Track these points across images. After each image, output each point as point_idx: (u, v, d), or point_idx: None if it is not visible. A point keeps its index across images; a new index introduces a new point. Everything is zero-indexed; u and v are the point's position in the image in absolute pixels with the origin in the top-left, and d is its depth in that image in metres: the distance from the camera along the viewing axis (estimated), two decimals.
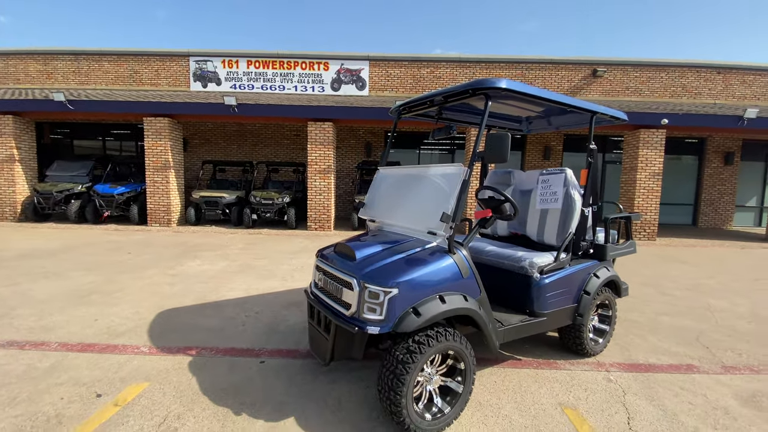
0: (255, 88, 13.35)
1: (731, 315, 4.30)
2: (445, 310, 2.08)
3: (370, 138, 13.45)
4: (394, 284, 2.04)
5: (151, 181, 10.11)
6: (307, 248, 7.61)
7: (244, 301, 4.31)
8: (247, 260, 6.41)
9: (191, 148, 13.39)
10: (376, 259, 2.23)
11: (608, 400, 2.53)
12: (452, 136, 3.18)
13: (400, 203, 2.77)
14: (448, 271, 2.19)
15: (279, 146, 13.61)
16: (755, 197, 13.58)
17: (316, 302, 2.45)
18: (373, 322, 2.05)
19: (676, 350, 3.34)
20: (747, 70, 13.05)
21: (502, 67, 13.06)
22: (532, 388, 2.65)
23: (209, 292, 4.61)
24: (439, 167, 2.51)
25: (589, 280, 3.03)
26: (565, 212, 3.04)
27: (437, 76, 13.20)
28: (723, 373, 2.95)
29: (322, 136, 10.00)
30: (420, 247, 2.31)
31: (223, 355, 3.01)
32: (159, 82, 13.39)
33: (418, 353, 1.99)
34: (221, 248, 7.41)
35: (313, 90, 13.29)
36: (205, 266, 5.93)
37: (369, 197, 3.05)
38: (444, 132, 2.87)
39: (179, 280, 5.10)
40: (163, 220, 10.20)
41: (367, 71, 13.19)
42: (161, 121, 9.91)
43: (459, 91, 2.48)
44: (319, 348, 2.38)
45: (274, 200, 10.27)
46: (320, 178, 10.17)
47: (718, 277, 6.07)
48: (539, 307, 2.72)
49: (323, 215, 10.23)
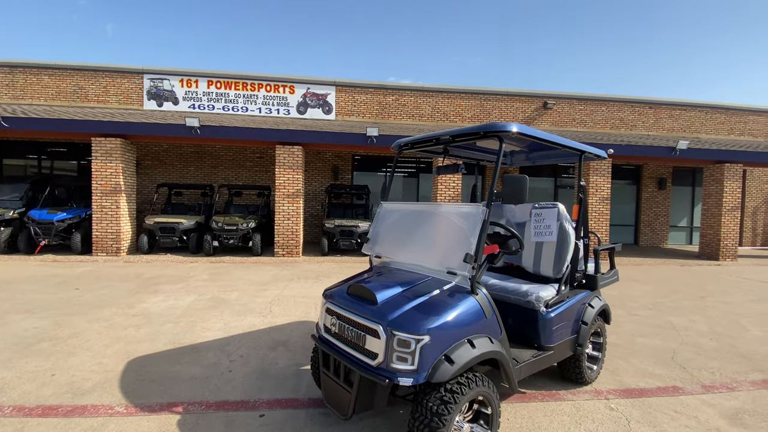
0: (216, 108, 12.89)
1: (693, 333, 4.67)
2: (476, 356, 2.04)
3: (337, 161, 13.39)
4: (426, 331, 1.97)
5: (98, 206, 9.24)
6: (279, 277, 7.27)
7: (225, 342, 3.98)
8: (216, 293, 5.98)
9: (143, 169, 12.50)
10: (399, 303, 2.16)
11: (617, 430, 2.60)
12: (454, 167, 3.22)
13: (411, 240, 2.73)
14: (473, 312, 2.17)
15: (241, 168, 13.11)
16: (686, 218, 15.18)
17: (331, 350, 2.31)
18: (404, 372, 1.96)
19: (658, 372, 3.54)
20: (674, 105, 14.80)
21: (462, 98, 13.73)
22: (544, 424, 2.66)
23: (183, 333, 4.21)
24: (453, 206, 2.52)
25: (585, 310, 3.16)
26: (560, 245, 3.17)
27: (402, 103, 13.57)
28: (704, 392, 3.17)
29: (290, 160, 9.80)
30: (440, 288, 2.28)
31: (215, 410, 2.72)
32: (108, 99, 12.50)
33: (453, 403, 1.93)
34: (183, 280, 6.86)
35: (278, 112, 13.09)
36: (170, 302, 5.44)
37: (373, 232, 2.98)
38: (450, 170, 2.91)
39: (144, 320, 4.62)
40: (111, 249, 9.31)
41: (333, 96, 13.26)
42: (113, 141, 9.18)
43: (469, 132, 2.53)
44: (339, 401, 2.22)
45: (238, 226, 9.79)
46: (288, 202, 9.89)
47: (670, 296, 6.61)
48: (546, 341, 2.77)
49: (291, 241, 9.90)
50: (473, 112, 13.78)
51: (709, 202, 11.58)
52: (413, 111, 13.60)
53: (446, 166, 2.94)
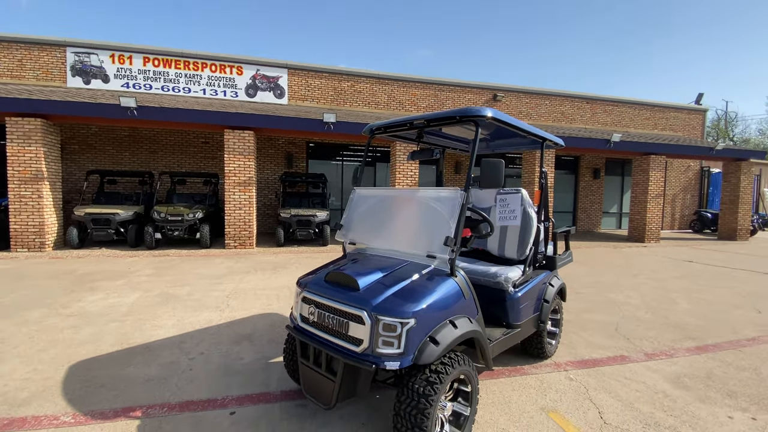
0: (153, 88, 11.82)
1: (631, 307, 5.16)
2: (459, 336, 2.07)
3: (291, 148, 12.93)
4: (411, 314, 1.96)
5: (16, 196, 8.13)
6: (234, 270, 6.92)
7: (180, 340, 3.70)
8: (164, 288, 5.54)
9: (69, 154, 11.19)
10: (381, 288, 2.12)
11: (578, 398, 2.81)
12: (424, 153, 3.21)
13: (387, 226, 2.70)
14: (454, 294, 2.20)
15: (184, 155, 12.20)
16: (616, 205, 16.70)
17: (310, 340, 2.22)
18: (390, 356, 1.94)
19: (607, 344, 3.87)
20: (608, 101, 16.07)
21: (418, 87, 13.83)
22: (513, 398, 2.80)
23: (131, 332, 3.85)
24: (431, 190, 2.52)
25: (546, 289, 3.35)
26: (524, 228, 3.32)
27: (358, 90, 13.37)
28: (648, 360, 3.52)
29: (241, 146, 9.28)
30: (419, 272, 2.27)
31: (179, 411, 2.52)
32: (24, 74, 10.97)
33: (438, 383, 1.94)
34: (124, 276, 6.28)
35: (225, 95, 12.30)
36: (111, 299, 4.95)
37: (346, 219, 2.90)
38: (425, 155, 2.90)
39: (83, 320, 4.16)
40: (34, 244, 8.27)
41: (285, 79, 12.72)
42: (32, 122, 8.08)
43: (445, 117, 2.53)
44: (320, 391, 2.15)
45: (183, 216, 9.13)
46: (240, 191, 9.39)
47: (607, 275, 7.25)
48: (514, 319, 2.90)
49: (244, 231, 9.44)
50: (428, 102, 13.94)
51: (636, 190, 12.80)
52: (369, 98, 13.47)
53: (421, 151, 2.93)
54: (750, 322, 4.61)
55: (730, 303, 5.44)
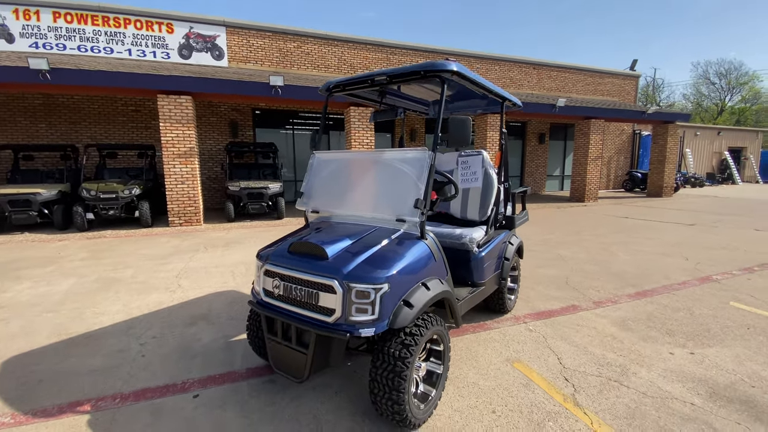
0: (68, 48, 10.30)
1: (578, 261, 5.55)
2: (431, 297, 2.05)
3: (235, 116, 12.07)
4: (384, 279, 1.89)
5: None
6: (181, 248, 6.46)
7: (128, 325, 3.40)
8: (103, 273, 5.05)
9: None
10: (350, 256, 2.02)
11: (538, 347, 2.97)
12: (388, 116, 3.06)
13: (352, 191, 2.56)
14: (425, 257, 2.16)
15: (111, 124, 10.94)
16: (558, 168, 17.69)
17: (277, 314, 2.09)
18: (364, 324, 1.87)
19: (559, 295, 4.14)
20: (552, 67, 16.57)
21: (369, 50, 13.30)
22: (480, 351, 2.90)
23: (69, 322, 3.47)
24: (397, 152, 2.40)
25: (507, 248, 3.44)
26: (485, 190, 3.34)
27: (305, 52, 12.60)
28: (596, 307, 3.81)
29: (178, 113, 8.45)
30: (388, 237, 2.20)
31: (135, 400, 2.33)
32: None
33: (414, 345, 1.93)
34: (54, 261, 5.64)
35: (154, 56, 11.04)
36: (41, 288, 4.43)
37: (307, 186, 2.72)
38: (388, 115, 2.75)
39: (10, 312, 3.68)
40: None
41: (224, 38, 11.63)
42: None
43: (408, 72, 2.39)
44: (291, 365, 2.05)
45: (118, 193, 8.28)
46: (181, 163, 8.65)
47: (555, 233, 7.72)
48: (479, 278, 2.96)
49: (189, 207, 8.81)
50: (380, 65, 13.51)
51: (578, 153, 13.58)
52: (318, 61, 12.76)
53: (384, 111, 2.77)
54: (679, 268, 5.14)
55: (660, 252, 6.03)
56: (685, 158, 21.96)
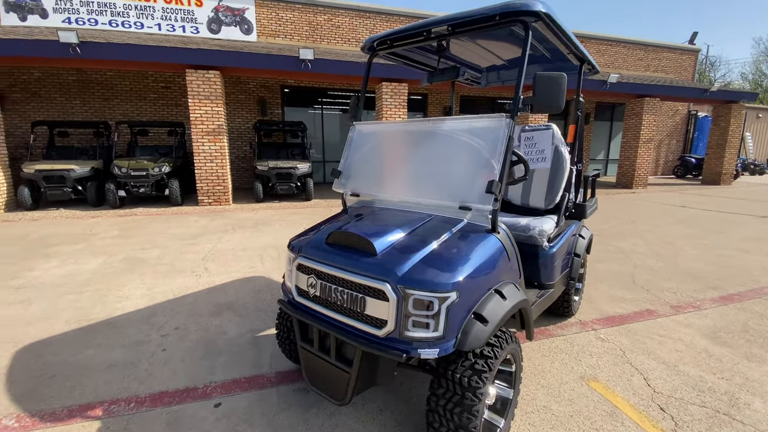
0: (100, 23, 10.19)
1: (640, 255, 4.91)
2: (509, 309, 1.60)
3: (264, 93, 11.74)
4: (452, 286, 1.45)
5: None
6: (209, 229, 6.27)
7: (150, 313, 3.16)
8: (130, 252, 4.90)
9: (11, 104, 9.77)
10: (405, 252, 1.59)
11: (617, 363, 2.48)
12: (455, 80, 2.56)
13: (402, 170, 2.12)
14: (497, 256, 1.70)
15: (143, 101, 10.87)
16: (603, 151, 16.46)
17: (313, 319, 1.71)
18: (425, 342, 1.46)
19: (628, 296, 3.58)
20: (601, 40, 15.18)
21: (402, 21, 12.53)
22: (545, 365, 2.45)
23: (91, 306, 3.27)
24: (463, 120, 1.92)
25: (577, 242, 2.92)
26: (555, 171, 2.81)
27: (335, 25, 12.01)
28: (675, 313, 3.24)
29: (207, 89, 8.18)
30: (449, 229, 1.75)
31: (151, 406, 2.04)
32: None
33: (487, 371, 1.50)
34: (85, 239, 5.56)
35: (183, 30, 10.78)
36: (68, 267, 4.30)
37: (345, 164, 2.30)
38: (448, 75, 2.26)
39: (35, 293, 3.53)
40: None
41: (253, 12, 11.21)
42: None
43: (477, 17, 1.88)
44: (330, 383, 1.68)
45: (148, 171, 8.20)
46: (210, 141, 8.45)
47: (609, 222, 7.01)
48: (548, 278, 2.48)
49: (218, 186, 8.64)
50: None
51: (628, 135, 12.45)
52: (348, 34, 12.15)
53: (442, 71, 2.28)
54: (766, 269, 4.42)
55: (738, 248, 5.27)
56: (744, 142, 19.98)
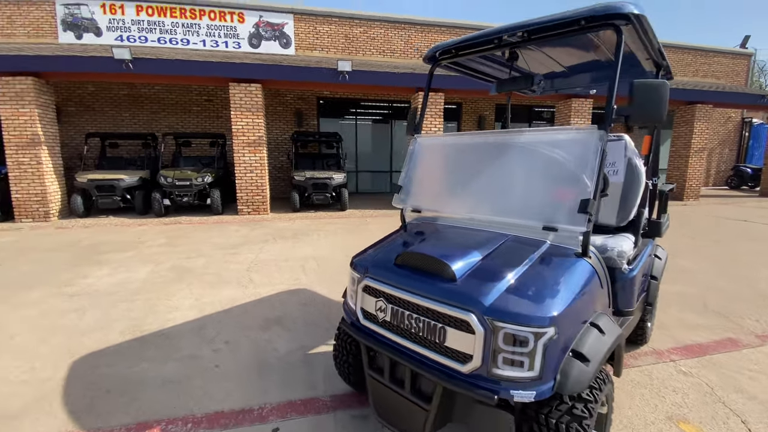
0: (149, 40, 10.77)
1: (707, 276, 4.49)
2: (610, 345, 1.43)
3: (301, 105, 11.98)
4: (547, 320, 1.30)
5: (15, 163, 7.51)
6: (250, 238, 6.35)
7: (200, 325, 3.16)
8: (177, 261, 5.01)
9: (66, 117, 10.45)
10: (488, 277, 1.46)
11: (706, 401, 2.21)
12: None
13: (472, 186, 1.99)
14: (592, 284, 1.53)
15: (187, 114, 11.36)
16: None
17: (383, 347, 1.60)
18: (518, 382, 1.31)
19: (702, 322, 3.25)
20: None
21: (438, 31, 12.50)
22: (624, 401, 2.21)
23: (143, 316, 3.32)
24: (542, 132, 1.78)
25: (654, 263, 2.67)
26: (628, 186, 2.59)
27: (371, 36, 12.13)
28: (762, 344, 2.90)
29: (248, 101, 8.41)
30: (533, 252, 1.60)
31: (208, 427, 1.99)
32: (13, 32, 10.01)
33: (588, 416, 1.33)
34: (134, 247, 5.76)
35: (226, 45, 11.21)
36: (120, 275, 4.43)
37: (405, 178, 2.20)
38: (519, 84, 2.12)
39: (89, 301, 3.64)
40: (38, 214, 7.75)
41: (291, 26, 11.51)
42: (23, 81, 7.27)
43: (560, 22, 1.74)
44: (402, 418, 1.56)
45: (192, 181, 8.48)
46: (250, 152, 8.65)
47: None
48: (628, 304, 2.25)
49: (257, 196, 8.81)
50: None
51: (677, 144, 11.75)
52: (384, 45, 12.24)
53: (514, 79, 2.15)
54: None
55: None
56: None
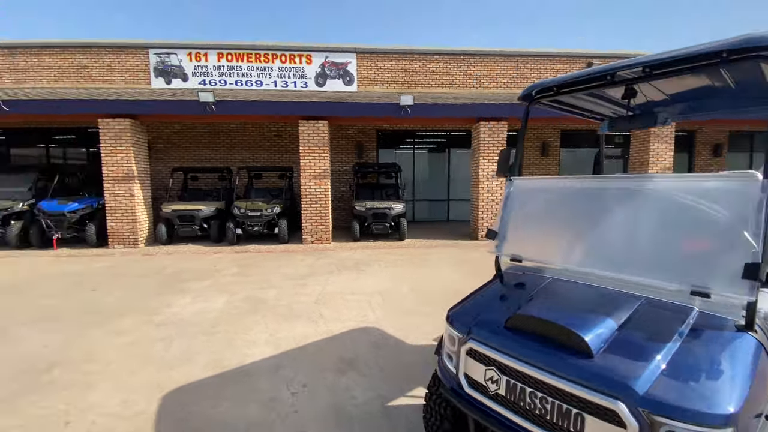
0: (228, 83, 11.86)
1: None
2: None
3: (361, 137, 12.37)
4: (725, 419, 1.05)
5: (111, 195, 8.47)
6: (315, 269, 6.45)
7: (277, 363, 3.16)
8: (250, 291, 5.18)
9: (155, 153, 11.68)
10: (634, 356, 1.24)
11: None
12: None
13: (588, 236, 1.79)
14: (763, 366, 1.25)
15: (258, 149, 12.20)
16: None
17: (499, 425, 1.41)
18: None
19: None
20: None
21: (496, 61, 12.42)
22: None
23: (223, 350, 3.40)
24: (682, 179, 1.56)
25: None
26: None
27: (430, 70, 12.35)
28: None
29: (315, 137, 8.82)
30: (681, 322, 1.34)
31: None
32: (113, 78, 11.57)
33: None
34: (210, 275, 6.09)
35: (295, 85, 12.00)
36: (199, 304, 4.66)
37: (502, 224, 2.04)
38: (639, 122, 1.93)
39: (173, 331, 3.83)
40: (129, 241, 8.59)
41: (354, 65, 12.08)
42: (121, 122, 8.30)
43: (695, 56, 1.53)
44: None
45: (262, 211, 8.95)
46: (315, 184, 8.98)
47: None
48: None
49: (320, 226, 9.05)
50: (509, 76, 12.48)
51: None
52: (442, 78, 12.37)
53: (631, 118, 1.96)
54: None
55: None
56: None
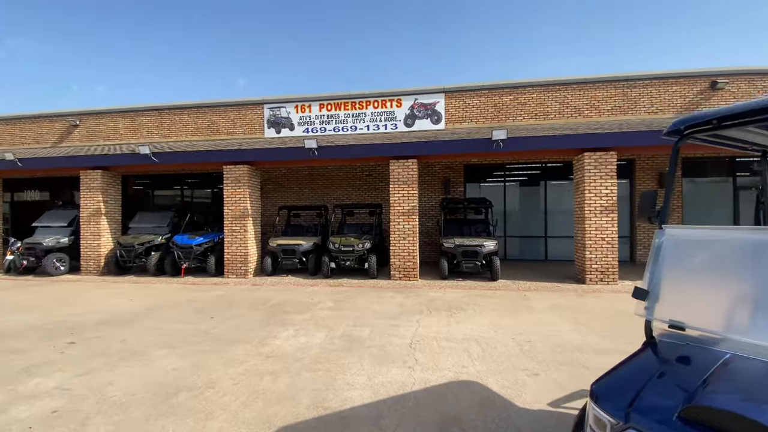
0: (327, 130, 12.98)
1: None
2: None
3: (448, 173, 12.34)
4: None
5: (229, 230, 9.63)
6: (406, 308, 6.35)
7: (377, 412, 3.06)
8: (345, 329, 5.26)
9: (265, 194, 13.12)
10: None
11: None
12: None
13: None
14: None
15: (351, 187, 12.94)
16: None
17: None
18: None
19: None
20: None
21: (598, 88, 11.56)
22: None
23: (324, 389, 3.43)
24: None
25: None
26: None
27: (521, 102, 11.98)
28: None
29: (405, 175, 9.02)
30: None
31: None
32: (235, 131, 13.52)
33: None
34: (309, 309, 6.38)
35: (386, 128, 12.63)
36: (301, 338, 4.85)
37: (654, 280, 1.72)
38: None
39: (279, 364, 4.01)
40: (240, 271, 9.56)
41: (442, 104, 12.32)
42: (240, 168, 9.54)
43: None
44: None
45: (354, 247, 9.29)
46: (404, 221, 9.07)
47: None
48: None
49: (408, 262, 9.01)
50: (614, 103, 11.46)
51: None
52: (536, 109, 11.87)
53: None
54: None
55: None
56: None
